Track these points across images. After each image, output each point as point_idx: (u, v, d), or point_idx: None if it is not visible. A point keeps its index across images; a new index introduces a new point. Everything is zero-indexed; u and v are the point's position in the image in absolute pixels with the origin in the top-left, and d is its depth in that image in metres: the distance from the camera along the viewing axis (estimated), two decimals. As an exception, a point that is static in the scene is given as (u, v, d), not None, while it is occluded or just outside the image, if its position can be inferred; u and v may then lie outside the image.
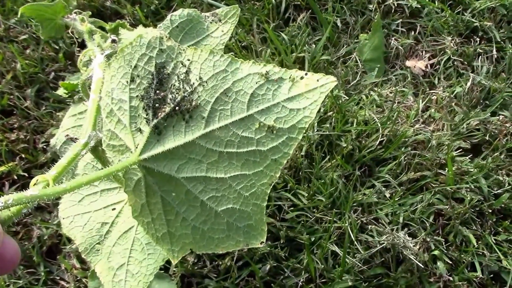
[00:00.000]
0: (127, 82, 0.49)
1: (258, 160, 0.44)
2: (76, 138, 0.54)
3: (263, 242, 0.46)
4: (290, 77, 0.43)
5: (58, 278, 0.97)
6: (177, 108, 0.46)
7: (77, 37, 0.79)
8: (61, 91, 1.09)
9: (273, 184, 0.46)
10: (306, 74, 0.43)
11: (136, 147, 0.48)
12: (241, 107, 0.44)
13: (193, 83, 0.46)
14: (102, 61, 0.61)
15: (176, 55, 0.47)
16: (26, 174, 1.05)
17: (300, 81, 0.43)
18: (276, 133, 0.43)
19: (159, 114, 0.47)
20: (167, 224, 0.49)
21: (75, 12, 0.80)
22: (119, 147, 0.50)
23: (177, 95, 0.46)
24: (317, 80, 0.42)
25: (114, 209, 0.69)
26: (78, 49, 1.21)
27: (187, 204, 0.48)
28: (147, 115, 0.47)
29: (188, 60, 0.46)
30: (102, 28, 0.78)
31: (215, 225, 0.47)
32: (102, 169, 0.47)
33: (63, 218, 0.70)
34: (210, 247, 0.48)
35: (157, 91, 0.47)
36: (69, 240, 0.99)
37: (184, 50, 0.47)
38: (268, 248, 0.95)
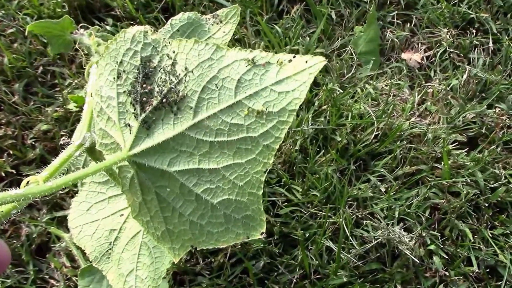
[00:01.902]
0: (114, 78, 0.48)
1: (250, 147, 0.44)
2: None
3: (263, 233, 0.46)
4: (277, 61, 0.42)
5: (47, 277, 0.95)
6: (164, 100, 0.45)
7: (86, 52, 0.80)
8: (71, 105, 1.08)
9: (267, 171, 0.45)
10: (294, 57, 0.42)
11: (126, 143, 0.47)
12: (229, 94, 0.43)
13: (179, 74, 0.45)
14: None
15: (162, 48, 0.46)
16: (14, 171, 1.03)
17: (287, 64, 0.42)
18: (266, 118, 0.43)
19: (147, 108, 0.46)
20: (165, 222, 0.49)
21: (82, 27, 0.82)
22: (111, 145, 0.50)
23: (163, 87, 0.46)
24: (306, 62, 0.42)
25: (122, 215, 0.70)
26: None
27: (182, 198, 0.47)
28: (135, 110, 0.47)
29: (174, 52, 0.46)
30: None
31: (212, 218, 0.47)
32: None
33: (73, 228, 0.70)
34: (210, 242, 0.48)
35: (144, 85, 0.47)
36: (59, 238, 0.97)
37: (169, 42, 0.46)
38: (262, 245, 0.94)
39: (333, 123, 1.07)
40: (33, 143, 1.08)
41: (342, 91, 1.14)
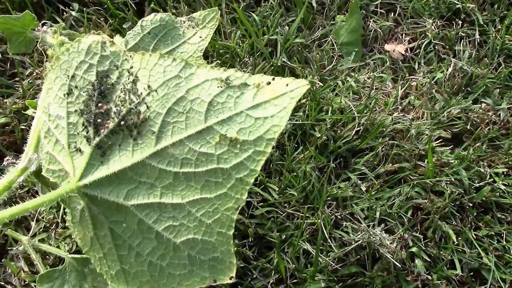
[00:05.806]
0: (64, 95, 0.42)
1: (221, 181, 0.39)
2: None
3: (233, 277, 0.41)
4: (254, 83, 0.37)
5: (3, 282, 0.88)
6: (122, 122, 0.39)
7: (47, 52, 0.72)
8: (30, 111, 1.00)
9: (240, 208, 0.39)
10: (273, 79, 0.37)
11: (75, 171, 0.41)
12: (198, 118, 0.38)
13: (141, 93, 0.39)
14: None
15: (122, 62, 0.40)
16: (-32, 168, 0.95)
17: (266, 86, 0.37)
18: (240, 147, 0.38)
19: (102, 131, 0.40)
20: (120, 261, 0.43)
21: (46, 24, 0.73)
22: (58, 172, 0.43)
23: (122, 107, 0.39)
24: (286, 85, 0.36)
25: None
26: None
27: (140, 236, 0.42)
28: (87, 132, 0.41)
29: (135, 67, 0.39)
30: None
31: (175, 259, 0.42)
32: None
33: None
34: (172, 286, 0.42)
35: (99, 104, 0.40)
36: (16, 241, 0.90)
37: (131, 56, 0.39)
38: (235, 247, 0.88)
39: (312, 118, 1.02)
40: (-10, 137, 1.00)
41: (322, 84, 1.08)
